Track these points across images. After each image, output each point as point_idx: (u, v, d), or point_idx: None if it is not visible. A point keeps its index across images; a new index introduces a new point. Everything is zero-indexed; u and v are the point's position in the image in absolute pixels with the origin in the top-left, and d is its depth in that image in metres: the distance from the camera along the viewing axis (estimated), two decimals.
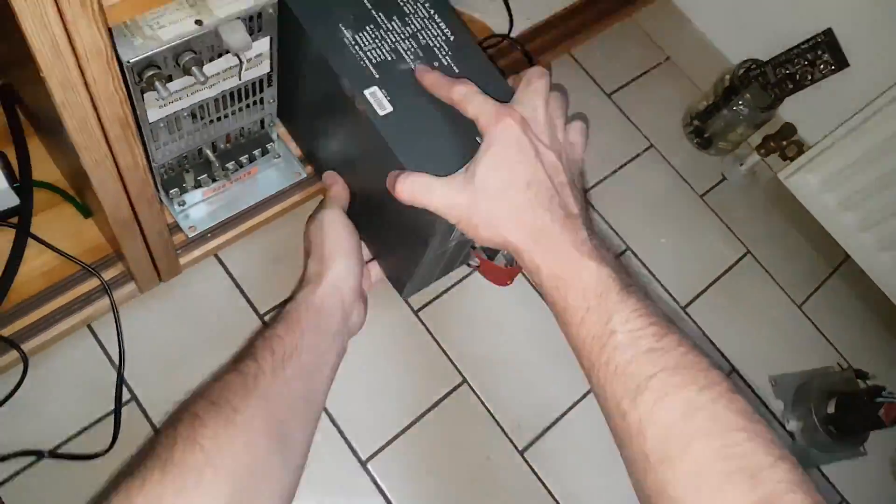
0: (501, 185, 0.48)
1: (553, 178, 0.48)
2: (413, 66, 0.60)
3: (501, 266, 0.70)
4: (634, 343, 0.40)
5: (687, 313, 0.94)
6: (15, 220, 0.61)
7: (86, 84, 0.38)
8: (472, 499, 0.78)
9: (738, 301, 0.97)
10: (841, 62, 0.87)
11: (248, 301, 0.80)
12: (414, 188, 0.51)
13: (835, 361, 0.97)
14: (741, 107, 0.95)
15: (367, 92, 0.59)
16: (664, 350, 0.40)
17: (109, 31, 0.38)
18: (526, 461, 0.81)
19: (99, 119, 0.41)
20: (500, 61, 0.86)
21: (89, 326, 0.73)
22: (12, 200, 0.60)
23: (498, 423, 0.82)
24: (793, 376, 0.94)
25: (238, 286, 0.80)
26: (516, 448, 0.81)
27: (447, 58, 0.62)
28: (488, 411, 0.82)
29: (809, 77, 0.89)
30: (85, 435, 0.70)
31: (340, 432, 0.77)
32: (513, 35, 0.88)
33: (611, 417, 0.42)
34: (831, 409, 0.88)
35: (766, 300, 0.98)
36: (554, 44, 0.91)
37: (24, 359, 0.60)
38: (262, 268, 0.81)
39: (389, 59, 0.61)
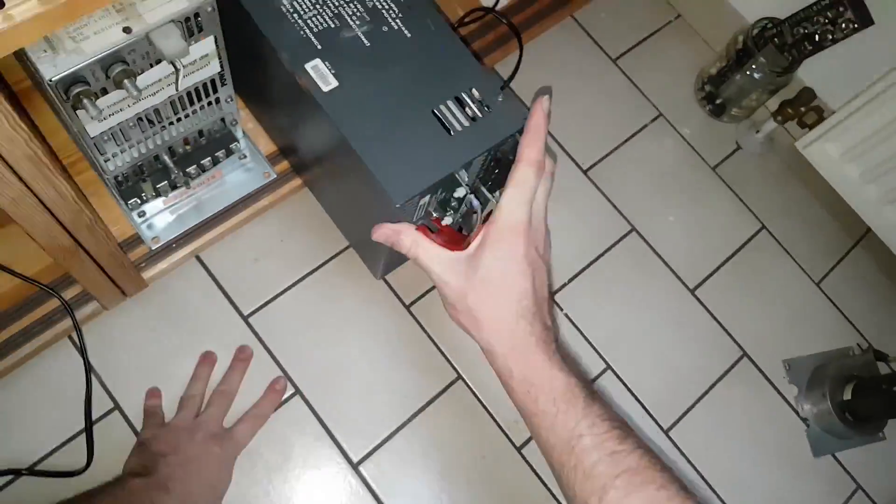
0: (495, 291, 0.50)
1: (539, 293, 0.50)
2: (359, 34, 0.55)
3: (457, 233, 0.65)
4: (600, 446, 0.45)
5: (696, 296, 0.89)
6: None
7: None
8: (468, 499, 0.75)
9: (750, 280, 0.91)
10: (865, 20, 0.79)
11: (231, 301, 0.77)
12: (418, 251, 0.53)
13: (854, 342, 0.92)
14: (755, 71, 0.88)
15: (308, 66, 0.54)
16: (626, 451, 0.44)
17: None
18: (523, 458, 0.78)
19: (3, 160, 0.37)
20: (487, 35, 0.79)
21: (69, 337, 0.71)
22: None
23: (494, 420, 0.79)
24: (808, 359, 0.89)
25: (219, 286, 0.77)
26: (513, 445, 0.78)
27: (397, 21, 0.57)
28: (484, 408, 0.79)
29: (830, 37, 0.81)
30: (65, 450, 0.69)
31: (330, 435, 0.75)
32: (502, 4, 0.81)
33: None
34: (847, 395, 0.83)
35: (782, 278, 0.93)
36: (550, 10, 0.84)
37: None
38: (243, 266, 0.78)
39: (332, 25, 0.55)
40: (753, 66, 0.87)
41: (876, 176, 0.83)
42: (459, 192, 0.59)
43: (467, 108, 0.57)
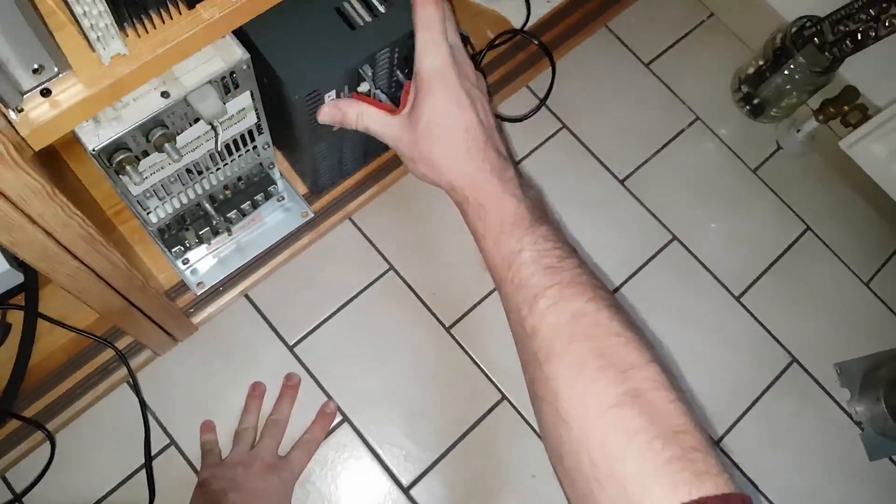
0: (442, 132, 0.51)
1: (485, 122, 0.51)
2: None
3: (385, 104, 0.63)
4: (538, 261, 0.45)
5: (742, 303, 0.87)
6: (21, 298, 0.60)
7: (32, 221, 0.35)
8: None
9: (797, 284, 0.89)
10: None
11: (276, 332, 0.78)
12: (367, 121, 0.54)
13: None
14: (795, 71, 0.85)
15: None
16: (563, 268, 0.45)
17: (50, 154, 0.34)
18: None
19: (59, 243, 0.38)
20: (517, 55, 0.78)
21: (128, 382, 0.72)
22: (16, 278, 0.59)
23: (541, 439, 0.78)
24: (859, 362, 0.87)
25: (264, 318, 0.78)
26: None
27: None
28: (530, 426, 0.79)
29: (873, 34, 0.78)
30: (125, 489, 0.71)
31: (380, 460, 0.76)
32: (532, 21, 0.80)
33: (513, 325, 0.46)
34: None
35: (829, 280, 0.90)
36: (582, 24, 0.82)
37: (51, 438, 0.59)
38: (286, 297, 0.79)
39: None
40: (792, 66, 0.85)
41: None
42: (364, 88, 0.60)
43: (371, 5, 0.58)
